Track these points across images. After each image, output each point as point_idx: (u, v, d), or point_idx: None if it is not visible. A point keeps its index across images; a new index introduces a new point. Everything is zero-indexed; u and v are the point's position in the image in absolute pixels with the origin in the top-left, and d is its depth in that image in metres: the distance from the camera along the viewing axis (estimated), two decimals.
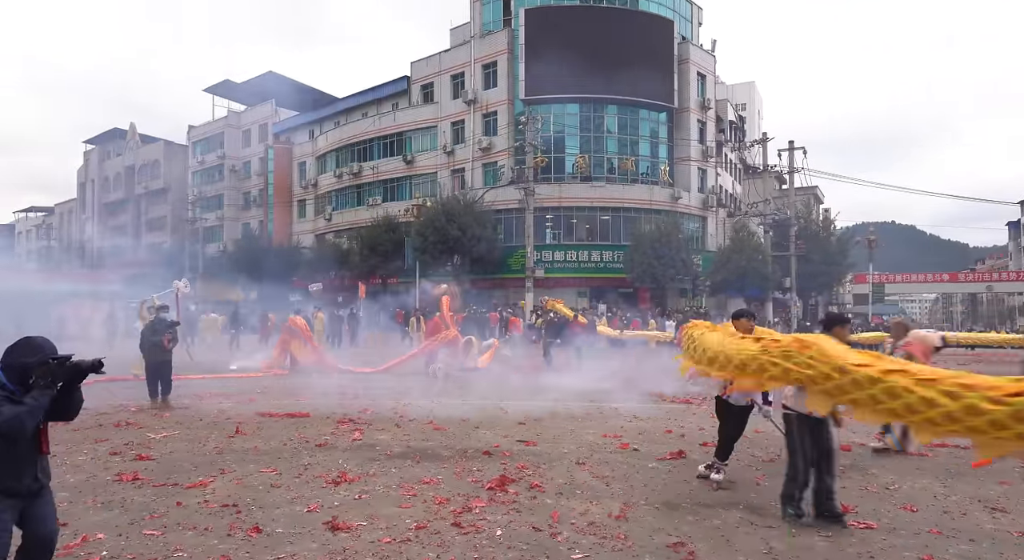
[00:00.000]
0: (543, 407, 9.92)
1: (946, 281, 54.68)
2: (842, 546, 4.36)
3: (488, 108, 38.09)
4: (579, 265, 35.33)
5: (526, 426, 8.54)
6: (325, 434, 7.81)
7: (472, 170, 38.62)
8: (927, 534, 4.58)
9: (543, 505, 5.12)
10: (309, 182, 49.06)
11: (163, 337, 9.98)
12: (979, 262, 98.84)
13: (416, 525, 4.58)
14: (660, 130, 38.21)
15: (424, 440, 7.57)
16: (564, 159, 36.77)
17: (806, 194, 52.62)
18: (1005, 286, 53.62)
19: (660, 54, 36.70)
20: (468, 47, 39.17)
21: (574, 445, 7.40)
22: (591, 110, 36.68)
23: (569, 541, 4.36)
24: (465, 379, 13.61)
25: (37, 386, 2.87)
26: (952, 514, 5.06)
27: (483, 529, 4.53)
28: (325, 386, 12.33)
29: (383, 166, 42.72)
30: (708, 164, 39.96)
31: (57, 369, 2.91)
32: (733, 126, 45.40)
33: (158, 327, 10.01)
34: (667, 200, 36.68)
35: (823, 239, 39.38)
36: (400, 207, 39.17)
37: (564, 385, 12.27)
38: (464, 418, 8.98)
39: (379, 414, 9.29)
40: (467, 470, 6.16)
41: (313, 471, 6.05)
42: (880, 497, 5.52)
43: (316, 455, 6.73)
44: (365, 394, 11.41)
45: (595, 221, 36.34)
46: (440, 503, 5.09)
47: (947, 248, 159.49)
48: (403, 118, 42.42)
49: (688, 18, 39.95)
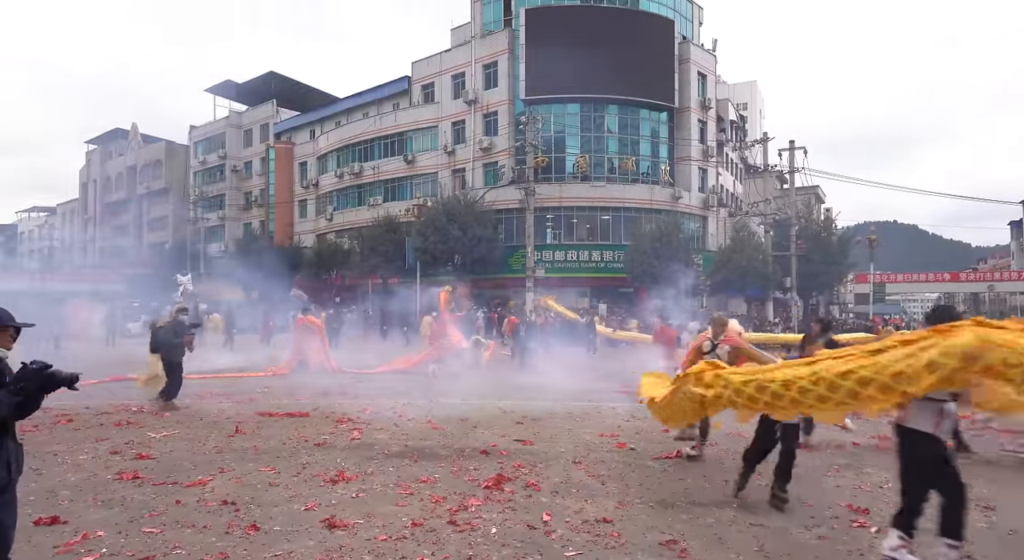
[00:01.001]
0: (542, 407, 9.97)
1: (947, 281, 54.52)
2: (833, 544, 4.41)
3: (489, 108, 38.14)
4: (579, 265, 35.36)
5: (524, 425, 8.59)
6: (324, 433, 7.87)
7: (473, 170, 38.68)
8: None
9: (538, 504, 5.17)
10: (310, 182, 49.14)
11: (184, 339, 10.07)
12: (981, 261, 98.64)
13: (412, 523, 4.63)
14: (661, 130, 38.23)
15: (422, 439, 7.63)
16: (565, 159, 36.80)
17: (807, 194, 52.55)
18: (1007, 286, 53.41)
19: (661, 54, 36.72)
20: (469, 47, 39.22)
21: (571, 444, 7.45)
22: (591, 110, 36.71)
23: (563, 539, 4.41)
24: (464, 379, 13.65)
25: (6, 388, 2.86)
26: None
27: (478, 527, 4.58)
28: (326, 386, 12.40)
29: (384, 166, 42.79)
30: (709, 164, 39.97)
31: (33, 375, 2.87)
32: (734, 125, 45.39)
33: (179, 329, 10.12)
34: (668, 200, 36.71)
35: (824, 239, 39.33)
36: (401, 207, 39.23)
37: (551, 385, 12.32)
38: (463, 418, 9.03)
39: (378, 413, 9.34)
40: (464, 469, 6.21)
41: (311, 470, 6.11)
42: (874, 495, 5.56)
43: (315, 454, 6.79)
44: (365, 394, 11.48)
45: (595, 221, 36.37)
46: (436, 501, 5.14)
47: (949, 248, 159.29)
48: (404, 118, 42.48)
49: (689, 17, 39.96)
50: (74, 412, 9.05)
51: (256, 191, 54.83)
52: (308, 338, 15.06)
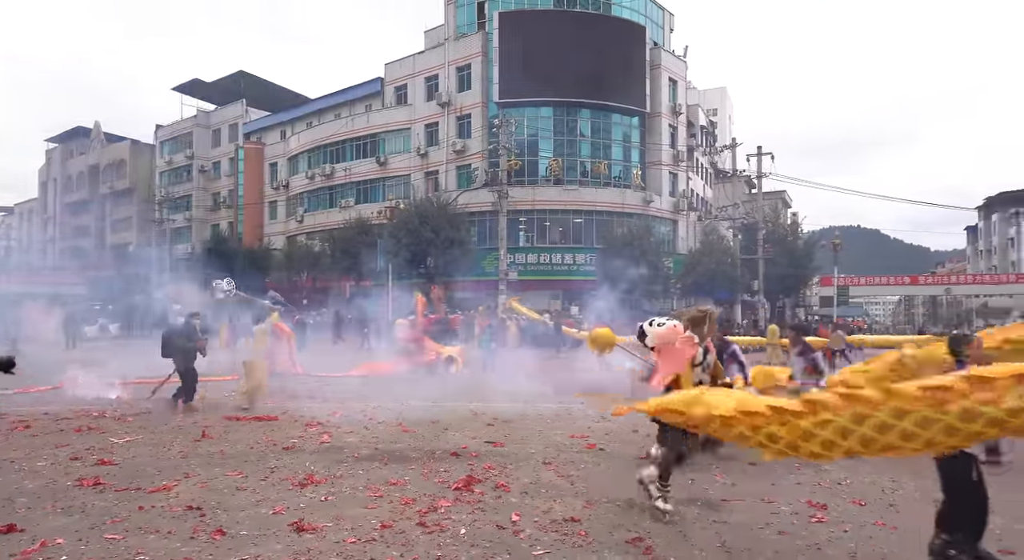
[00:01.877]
0: (513, 409, 10.02)
1: (907, 284, 56.20)
2: (793, 539, 4.54)
3: (462, 111, 38.14)
4: (552, 268, 35.54)
5: (495, 427, 8.63)
6: (293, 437, 7.80)
7: (446, 172, 38.61)
8: (872, 526, 4.79)
9: (508, 504, 5.22)
10: (280, 183, 48.50)
11: (196, 343, 10.12)
12: (939, 265, 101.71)
13: (382, 525, 4.63)
14: (632, 134, 38.69)
15: (393, 442, 7.61)
16: (538, 162, 36.97)
17: (774, 198, 53.72)
18: (963, 289, 55.43)
19: (632, 59, 37.17)
20: (442, 50, 39.18)
21: (541, 446, 7.51)
22: (564, 113, 36.97)
23: (531, 538, 4.46)
24: (436, 382, 13.63)
25: None
26: (898, 507, 5.29)
27: (447, 528, 4.61)
28: (295, 390, 12.26)
29: (356, 168, 42.46)
30: (679, 168, 40.56)
31: None
32: (704, 131, 46.15)
33: (191, 334, 10.10)
34: (639, 203, 37.14)
35: (790, 243, 40.20)
36: (373, 209, 38.96)
37: (520, 387, 12.37)
38: (434, 420, 9.03)
39: (348, 417, 9.28)
40: (434, 471, 6.22)
41: (279, 474, 6.05)
42: (832, 492, 5.74)
43: (283, 458, 6.72)
44: (334, 397, 11.38)
45: (568, 224, 36.61)
46: (406, 504, 5.15)
47: (909, 252, 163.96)
48: (376, 120, 42.22)
49: (660, 24, 40.53)
50: (32, 418, 8.81)
51: (224, 192, 53.88)
52: (276, 344, 14.95)
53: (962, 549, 3.78)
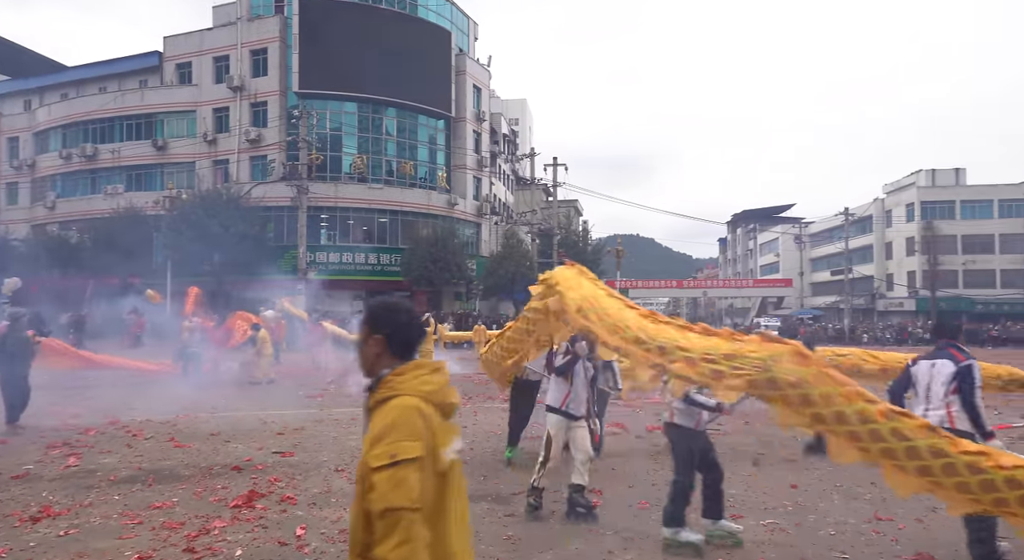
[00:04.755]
0: (307, 415, 9.49)
1: (674, 287, 64.58)
2: (576, 525, 4.87)
3: (257, 97, 35.35)
4: (356, 268, 34.46)
5: (285, 436, 8.09)
6: (27, 463, 6.53)
7: (238, 162, 35.48)
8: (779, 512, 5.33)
9: (293, 518, 4.90)
10: (24, 162, 40.72)
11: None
12: (699, 271, 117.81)
13: (138, 557, 4.05)
14: (438, 137, 39.05)
15: (161, 460, 6.75)
16: (341, 158, 35.61)
17: (568, 207, 57.87)
18: (716, 292, 65.64)
19: (438, 63, 37.52)
20: (234, 29, 35.92)
21: (335, 453, 7.20)
22: (370, 110, 36.11)
23: (316, 551, 4.22)
24: (217, 389, 12.39)
25: None
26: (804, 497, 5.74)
27: (220, 551, 4.18)
28: (35, 403, 10.26)
29: (127, 150, 37.18)
30: (483, 173, 41.87)
31: None
32: (506, 139, 48.21)
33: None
34: (444, 205, 37.60)
35: (581, 248, 43.65)
36: (149, 198, 34.54)
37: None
38: (214, 432, 8.20)
39: (106, 434, 8.05)
40: (209, 489, 5.63)
41: (4, 508, 5.02)
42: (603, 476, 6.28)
43: (10, 489, 5.59)
44: (90, 411, 9.75)
45: (373, 223, 35.80)
46: (171, 528, 4.57)
47: (677, 259, 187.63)
48: (153, 98, 37.39)
49: (465, 31, 41.47)
50: None
51: None
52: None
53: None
